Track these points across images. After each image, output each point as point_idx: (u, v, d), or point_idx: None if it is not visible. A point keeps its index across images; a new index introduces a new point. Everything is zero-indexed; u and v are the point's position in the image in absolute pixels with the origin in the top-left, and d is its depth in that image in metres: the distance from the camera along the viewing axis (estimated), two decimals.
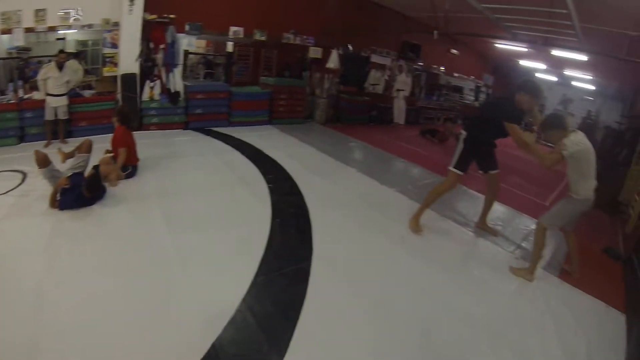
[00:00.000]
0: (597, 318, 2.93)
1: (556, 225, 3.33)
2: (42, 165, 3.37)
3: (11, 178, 3.76)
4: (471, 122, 4.22)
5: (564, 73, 13.74)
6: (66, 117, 5.02)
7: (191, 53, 7.17)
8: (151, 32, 6.04)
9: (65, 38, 5.62)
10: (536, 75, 15.48)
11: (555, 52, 9.22)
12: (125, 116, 4.09)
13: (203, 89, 6.65)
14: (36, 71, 4.99)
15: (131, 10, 5.72)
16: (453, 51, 11.62)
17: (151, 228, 3.16)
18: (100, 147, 4.10)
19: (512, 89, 3.56)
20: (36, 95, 4.94)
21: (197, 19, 6.63)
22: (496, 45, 11.69)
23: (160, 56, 6.15)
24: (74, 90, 5.28)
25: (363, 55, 9.71)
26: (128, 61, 5.86)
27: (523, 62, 14.29)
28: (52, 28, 5.36)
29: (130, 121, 4.19)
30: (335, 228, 3.70)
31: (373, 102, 9.80)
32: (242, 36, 7.33)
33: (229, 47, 7.41)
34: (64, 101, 4.94)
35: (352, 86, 9.50)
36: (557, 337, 2.59)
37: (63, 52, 4.92)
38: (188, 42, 6.72)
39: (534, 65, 13.93)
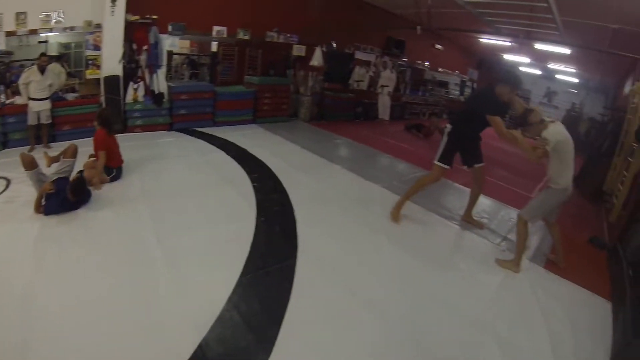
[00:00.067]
0: (584, 307, 2.99)
1: (537, 217, 3.37)
2: (29, 168, 3.37)
3: None
4: (456, 116, 4.27)
5: (548, 66, 13.95)
6: (49, 122, 4.97)
7: (175, 54, 7.15)
8: (134, 34, 6.00)
9: (47, 41, 5.58)
10: (519, 68, 15.73)
11: (538, 46, 9.32)
12: (105, 119, 4.06)
13: (187, 90, 6.63)
14: (18, 75, 4.93)
15: (113, 11, 5.69)
16: (437, 46, 11.74)
17: (137, 230, 3.17)
18: (85, 151, 4.09)
19: (494, 82, 3.58)
20: (18, 99, 4.89)
21: (180, 19, 6.60)
22: (480, 39, 11.83)
23: (143, 57, 6.11)
24: (57, 93, 5.23)
25: (347, 52, 9.74)
26: (111, 63, 5.82)
27: (507, 56, 14.46)
28: (34, 31, 5.30)
29: (111, 124, 4.15)
30: (320, 225, 3.72)
31: (357, 99, 9.87)
32: (226, 36, 7.32)
33: (214, 47, 7.43)
34: (47, 105, 4.89)
35: (337, 83, 9.53)
36: (544, 327, 2.64)
37: (45, 55, 4.86)
38: (171, 43, 6.67)
39: (518, 59, 14.10)
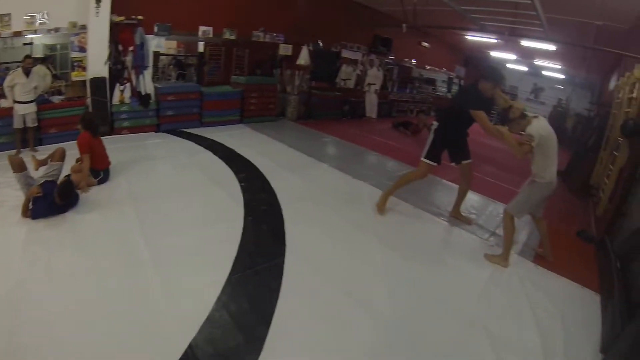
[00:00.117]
0: (573, 299, 3.02)
1: (523, 212, 3.39)
2: (18, 170, 3.37)
3: None
4: (443, 113, 4.32)
5: (534, 63, 14.13)
6: (35, 125, 4.94)
7: (162, 54, 7.14)
8: (119, 34, 5.95)
9: (32, 43, 5.52)
10: (506, 65, 15.94)
11: (524, 43, 9.44)
12: (88, 122, 4.04)
13: (174, 91, 6.64)
14: (3, 78, 4.88)
15: (98, 12, 5.66)
16: (424, 44, 11.84)
17: (125, 232, 3.17)
18: (74, 154, 4.07)
19: (478, 78, 3.62)
20: (3, 103, 4.87)
21: (166, 20, 6.58)
22: (466, 37, 11.94)
23: (129, 59, 6.09)
24: (42, 96, 5.20)
25: (334, 50, 9.77)
26: (97, 65, 5.80)
27: (494, 53, 14.62)
28: (18, 33, 5.27)
29: (95, 126, 4.13)
30: (308, 224, 3.74)
31: (345, 97, 9.95)
32: (212, 36, 7.31)
33: (201, 47, 7.43)
34: (33, 108, 4.86)
35: (324, 82, 9.57)
36: (533, 320, 2.66)
37: (29, 58, 4.82)
38: (157, 43, 6.66)
39: (505, 55, 14.27)
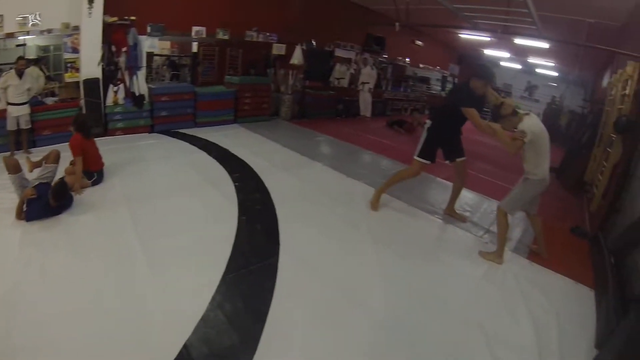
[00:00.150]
0: (567, 295, 3.04)
1: (516, 209, 3.40)
2: (13, 172, 3.38)
3: None
4: (436, 112, 4.35)
5: (528, 61, 14.23)
6: (29, 127, 4.94)
7: (156, 55, 7.15)
8: (112, 35, 5.95)
9: (25, 44, 5.52)
10: (500, 63, 16.04)
11: (518, 41, 9.50)
12: (81, 124, 4.04)
13: (167, 91, 6.64)
14: None
15: (90, 13, 5.64)
16: (417, 42, 11.90)
17: (119, 233, 3.17)
18: (68, 156, 4.02)
19: (469, 76, 3.64)
20: None
21: (159, 20, 6.59)
22: (460, 35, 12.01)
23: (122, 59, 6.07)
24: (36, 98, 5.20)
25: (327, 50, 9.79)
26: (90, 66, 5.78)
27: (487, 51, 14.71)
28: (11, 35, 5.27)
29: (87, 128, 4.13)
30: (302, 223, 3.74)
31: (339, 96, 9.98)
32: (205, 36, 7.32)
33: (194, 48, 7.44)
34: (26, 110, 4.86)
35: (317, 81, 9.59)
36: (528, 316, 2.67)
37: (22, 59, 4.82)
38: (150, 44, 6.67)
39: (498, 53, 14.36)
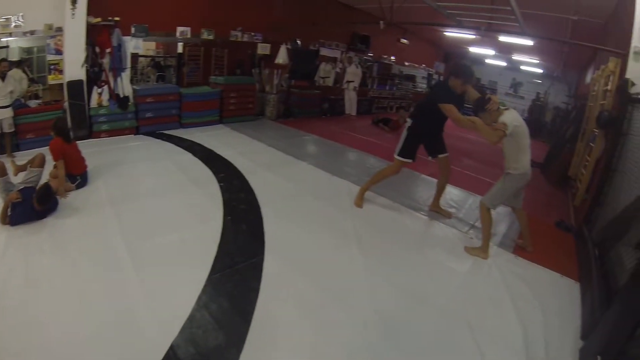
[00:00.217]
0: (553, 288, 3.08)
1: (498, 203, 3.44)
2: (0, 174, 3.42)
3: None
4: (416, 110, 4.38)
5: (513, 58, 14.45)
6: (12, 130, 4.92)
7: (141, 56, 7.14)
8: (96, 36, 5.92)
9: (8, 46, 5.49)
10: (485, 61, 16.28)
11: (502, 38, 9.62)
12: (60, 129, 4.03)
13: (152, 92, 6.62)
14: None
15: (73, 14, 5.61)
16: (403, 41, 12.01)
17: (105, 236, 3.18)
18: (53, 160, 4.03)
19: (448, 74, 3.70)
20: None
21: (143, 21, 6.56)
22: (445, 33, 12.16)
23: (106, 61, 6.06)
24: (19, 100, 5.17)
25: (312, 49, 9.82)
26: (74, 67, 5.75)
27: (472, 49, 14.91)
28: None
29: (67, 133, 4.11)
30: (287, 222, 3.78)
31: (324, 95, 10.03)
32: (190, 36, 7.32)
33: (180, 48, 7.46)
34: (9, 113, 4.83)
35: (303, 80, 9.61)
36: (514, 310, 2.70)
37: (5, 61, 4.80)
38: (135, 45, 6.61)
39: (484, 51, 14.57)
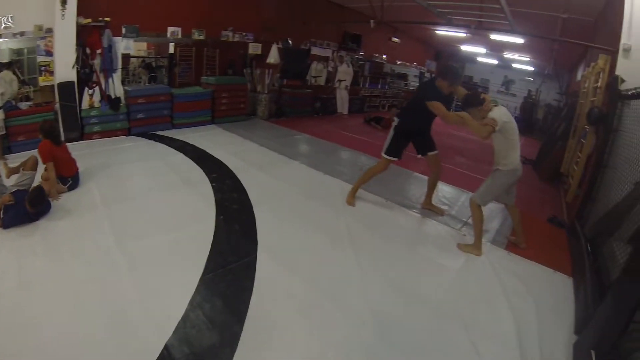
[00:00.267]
0: (546, 284, 3.11)
1: (488, 200, 3.46)
2: None
3: None
4: (403, 109, 4.44)
5: (504, 56, 14.53)
6: (3, 132, 4.92)
7: (133, 56, 7.13)
8: (86, 37, 5.91)
9: None
10: (476, 59, 16.39)
11: (493, 36, 9.67)
12: (48, 131, 4.02)
13: (143, 93, 6.62)
14: None
15: (63, 15, 5.59)
16: (394, 39, 12.09)
17: (98, 238, 3.18)
18: None
19: (436, 74, 3.89)
20: None
21: (133, 21, 6.55)
22: (436, 31, 12.23)
23: (97, 62, 6.06)
24: (10, 102, 5.17)
25: (303, 48, 9.84)
26: (64, 69, 5.74)
27: (464, 47, 14.99)
28: None
29: (55, 134, 4.09)
30: (279, 221, 3.80)
31: (316, 94, 10.07)
32: (181, 36, 7.31)
33: (171, 49, 7.45)
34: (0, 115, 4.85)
35: (294, 80, 9.64)
36: (508, 306, 2.72)
37: None
38: (126, 45, 6.59)
39: (475, 49, 14.66)
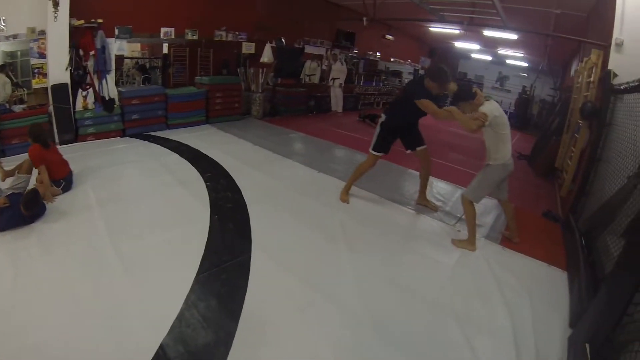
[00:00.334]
0: (540, 278, 3.13)
1: (480, 196, 3.44)
2: None
3: None
4: (390, 105, 4.47)
5: (498, 52, 14.56)
6: None
7: (127, 57, 7.11)
8: (79, 39, 5.92)
9: None
10: (471, 55, 16.44)
11: (487, 33, 9.71)
12: (36, 135, 4.02)
13: (137, 94, 6.63)
14: None
15: (56, 17, 5.59)
16: (388, 37, 12.12)
17: (93, 239, 3.19)
18: None
19: (426, 72, 3.77)
20: None
21: (126, 22, 6.55)
22: (430, 28, 12.26)
23: (90, 63, 6.06)
24: (3, 105, 5.18)
25: (297, 47, 9.85)
26: (58, 71, 5.75)
27: (458, 44, 15.04)
28: None
29: (44, 139, 4.08)
30: (273, 219, 3.81)
31: (310, 93, 10.09)
32: (174, 37, 7.32)
33: (165, 49, 7.45)
34: None
35: (288, 78, 9.66)
36: (502, 300, 2.74)
37: None
38: (119, 46, 6.59)
39: (469, 45, 14.70)
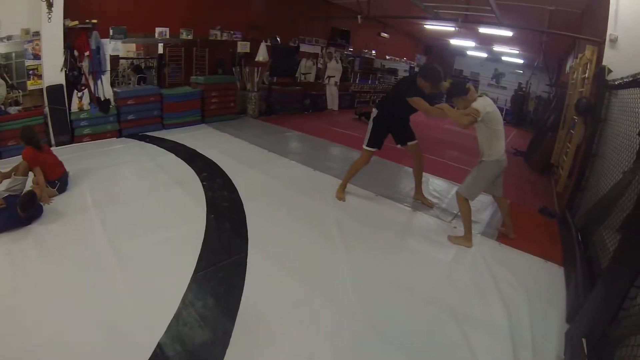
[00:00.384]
0: (537, 273, 3.13)
1: (475, 193, 3.41)
2: None
3: None
4: (381, 101, 4.52)
5: (494, 49, 14.61)
6: None
7: (122, 58, 7.09)
8: (74, 40, 5.93)
9: None
10: (467, 52, 16.48)
11: (482, 30, 9.72)
12: (28, 138, 4.00)
13: (133, 94, 6.63)
14: None
15: (50, 18, 5.57)
16: (383, 35, 12.14)
17: (90, 239, 3.19)
18: None
19: (419, 71, 3.79)
20: None
21: (121, 22, 6.54)
22: (425, 26, 12.29)
23: (85, 64, 6.07)
24: None
25: (292, 45, 9.86)
26: (52, 72, 5.75)
27: (453, 41, 15.08)
28: None
29: (36, 141, 4.06)
30: (269, 218, 3.82)
31: (305, 91, 10.12)
32: (169, 36, 7.31)
33: (160, 49, 7.45)
34: None
35: (284, 77, 9.67)
36: (499, 296, 2.74)
37: None
38: (114, 47, 6.59)
39: (464, 43, 14.75)
